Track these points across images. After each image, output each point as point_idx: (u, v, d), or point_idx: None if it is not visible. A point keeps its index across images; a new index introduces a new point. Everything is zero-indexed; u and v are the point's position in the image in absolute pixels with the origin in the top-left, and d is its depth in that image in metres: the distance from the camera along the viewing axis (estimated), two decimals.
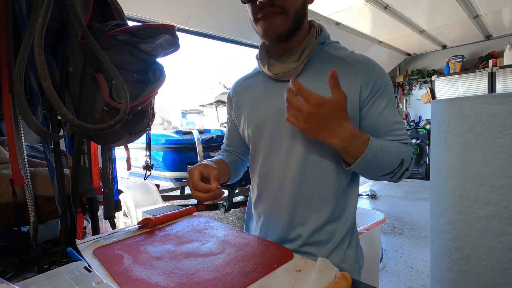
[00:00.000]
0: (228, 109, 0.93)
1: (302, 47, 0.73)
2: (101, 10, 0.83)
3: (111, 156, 0.95)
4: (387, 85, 0.72)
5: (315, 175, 0.75)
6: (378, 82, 0.71)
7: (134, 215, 2.96)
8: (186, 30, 2.81)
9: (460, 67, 5.25)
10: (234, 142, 0.96)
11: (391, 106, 0.72)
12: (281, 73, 0.74)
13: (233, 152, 0.98)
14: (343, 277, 0.52)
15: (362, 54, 0.77)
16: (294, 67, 0.72)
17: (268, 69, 0.76)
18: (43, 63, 0.58)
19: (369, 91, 0.71)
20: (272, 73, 0.75)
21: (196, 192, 0.71)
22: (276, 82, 0.77)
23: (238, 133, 0.91)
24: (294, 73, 0.73)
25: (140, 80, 0.84)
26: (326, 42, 0.77)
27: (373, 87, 0.71)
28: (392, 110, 0.72)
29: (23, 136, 0.71)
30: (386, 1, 3.16)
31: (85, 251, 0.71)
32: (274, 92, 0.77)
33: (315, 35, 0.75)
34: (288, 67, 0.73)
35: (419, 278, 2.30)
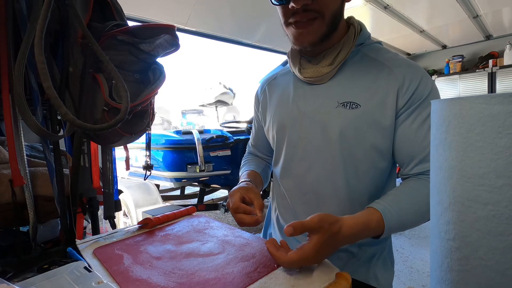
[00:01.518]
0: (255, 108, 0.88)
1: (338, 49, 0.66)
2: (101, 10, 0.83)
3: (111, 156, 0.95)
4: (430, 95, 0.61)
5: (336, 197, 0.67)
6: (419, 89, 0.61)
7: (134, 215, 2.96)
8: (186, 30, 2.81)
9: (460, 67, 5.25)
10: (261, 143, 0.91)
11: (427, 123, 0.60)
12: (312, 77, 0.67)
13: (260, 156, 0.93)
14: (343, 277, 0.52)
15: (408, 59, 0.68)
16: (326, 71, 0.66)
17: (299, 71, 0.70)
18: (44, 63, 0.58)
19: (407, 99, 0.61)
20: (304, 76, 0.69)
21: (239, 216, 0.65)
22: (307, 85, 0.71)
23: (263, 134, 0.86)
24: (327, 78, 0.67)
25: (140, 80, 0.84)
26: (366, 42, 0.69)
27: (412, 95, 0.61)
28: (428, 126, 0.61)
29: (22, 136, 0.71)
30: (386, 1, 3.16)
31: (85, 251, 0.71)
32: (303, 96, 0.71)
33: (353, 35, 0.67)
34: (320, 71, 0.66)
35: (419, 278, 2.30)
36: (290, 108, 0.73)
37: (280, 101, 0.76)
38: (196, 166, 3.07)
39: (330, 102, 0.66)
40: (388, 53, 0.68)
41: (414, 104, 0.61)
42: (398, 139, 0.64)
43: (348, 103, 0.64)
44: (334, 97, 0.66)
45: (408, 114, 0.62)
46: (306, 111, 0.69)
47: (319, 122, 0.67)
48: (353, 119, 0.63)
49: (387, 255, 0.76)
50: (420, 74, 0.62)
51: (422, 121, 0.61)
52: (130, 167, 1.23)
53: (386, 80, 0.63)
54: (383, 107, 0.62)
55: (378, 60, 0.66)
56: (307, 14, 0.61)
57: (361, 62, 0.67)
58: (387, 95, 0.62)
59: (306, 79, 0.69)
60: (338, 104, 0.65)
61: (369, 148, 0.64)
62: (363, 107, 0.63)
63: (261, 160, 0.94)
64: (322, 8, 0.60)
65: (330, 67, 0.66)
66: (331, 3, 0.61)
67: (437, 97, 0.63)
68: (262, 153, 0.93)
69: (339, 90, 0.65)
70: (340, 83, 0.66)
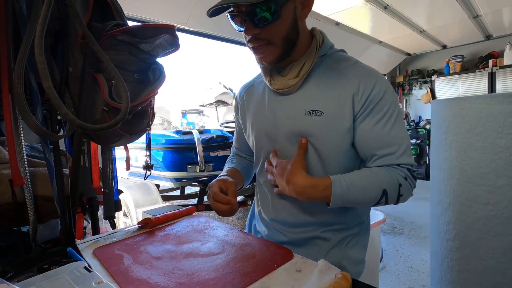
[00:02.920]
0: (236, 114, 0.95)
1: (302, 62, 0.73)
2: (101, 10, 0.83)
3: (111, 156, 0.95)
4: (385, 96, 0.69)
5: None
6: (373, 93, 0.68)
7: (134, 215, 2.96)
8: (186, 30, 2.81)
9: (460, 67, 5.25)
10: (243, 145, 0.97)
11: (389, 119, 0.68)
12: (281, 88, 0.75)
13: (242, 155, 1.00)
14: (343, 277, 0.52)
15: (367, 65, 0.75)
16: (293, 83, 0.73)
17: (269, 83, 0.77)
18: (44, 63, 0.58)
19: (362, 103, 0.69)
20: (273, 87, 0.76)
21: (216, 203, 0.74)
22: (277, 95, 0.78)
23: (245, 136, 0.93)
24: (294, 89, 0.74)
25: (140, 80, 0.84)
26: (328, 53, 0.76)
27: (367, 99, 0.69)
28: (389, 124, 0.69)
29: (22, 136, 0.71)
30: (386, 1, 3.16)
31: (85, 251, 0.71)
32: (276, 104, 0.78)
33: (315, 48, 0.74)
34: (287, 83, 0.73)
35: (419, 278, 2.30)
36: (266, 115, 0.80)
37: (257, 108, 0.83)
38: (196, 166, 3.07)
39: (298, 111, 0.73)
40: (348, 61, 0.75)
41: (369, 107, 0.69)
42: (359, 138, 0.71)
43: (313, 111, 0.71)
44: (301, 106, 0.73)
45: (365, 116, 0.69)
46: (279, 118, 0.76)
47: (290, 129, 0.75)
48: (319, 126, 0.71)
49: (360, 239, 0.84)
50: (374, 80, 0.69)
51: (378, 120, 0.69)
52: (130, 167, 1.23)
53: (344, 87, 0.70)
54: (342, 112, 0.70)
55: (338, 69, 0.73)
56: (258, 42, 0.69)
57: (323, 72, 0.74)
58: (345, 101, 0.70)
59: (276, 90, 0.76)
60: (305, 112, 0.72)
61: (335, 151, 0.72)
62: (326, 114, 0.70)
63: (244, 160, 1.00)
64: (271, 36, 0.68)
65: (296, 79, 0.73)
66: (279, 31, 0.68)
67: (392, 98, 0.71)
68: (245, 154, 0.99)
69: (305, 100, 0.73)
70: (306, 93, 0.74)
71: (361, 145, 0.72)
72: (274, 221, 0.84)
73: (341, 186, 0.66)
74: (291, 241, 0.80)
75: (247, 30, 0.67)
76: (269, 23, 0.66)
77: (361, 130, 0.70)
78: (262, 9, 0.64)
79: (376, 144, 0.69)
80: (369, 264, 1.90)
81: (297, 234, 0.80)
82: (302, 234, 0.79)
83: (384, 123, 0.68)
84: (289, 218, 0.80)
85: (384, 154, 0.69)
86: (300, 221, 0.79)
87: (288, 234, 0.81)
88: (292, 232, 0.81)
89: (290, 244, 0.79)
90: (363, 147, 0.72)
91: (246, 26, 0.67)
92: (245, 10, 0.65)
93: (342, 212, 0.78)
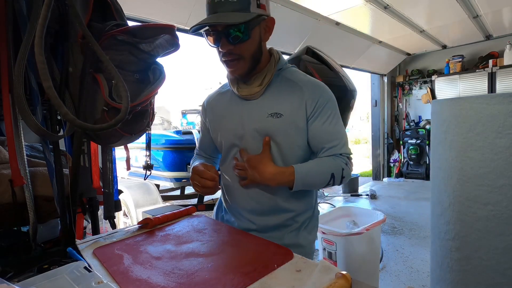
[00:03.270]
0: (202, 118, 1.06)
1: (264, 74, 0.89)
2: (101, 10, 0.83)
3: (111, 156, 0.95)
4: (329, 103, 0.89)
5: None
6: (320, 100, 0.87)
7: (134, 215, 2.96)
8: (186, 30, 2.81)
9: (460, 67, 5.24)
10: (208, 147, 1.09)
11: (332, 119, 0.88)
12: (247, 95, 0.90)
13: (206, 156, 1.12)
14: (343, 277, 0.52)
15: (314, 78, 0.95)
16: (257, 90, 0.88)
17: (237, 90, 0.91)
18: (44, 62, 0.58)
19: (313, 108, 0.87)
20: (241, 94, 0.90)
21: (202, 180, 0.86)
22: (244, 101, 0.92)
23: (210, 139, 1.05)
24: (258, 95, 0.89)
25: (140, 80, 0.84)
26: (283, 67, 0.93)
27: (316, 105, 0.87)
28: (333, 123, 0.88)
29: (22, 136, 0.71)
30: (386, 1, 3.16)
31: (85, 251, 0.71)
32: (241, 109, 0.92)
33: (274, 63, 0.90)
34: (253, 90, 0.89)
35: (419, 278, 2.30)
36: (233, 117, 0.93)
37: (225, 112, 0.96)
38: None
39: (262, 114, 0.88)
40: (300, 75, 0.93)
41: (318, 111, 0.87)
42: (311, 135, 0.89)
43: (274, 114, 0.87)
44: (264, 109, 0.88)
45: (315, 118, 0.88)
46: (245, 120, 0.91)
47: (255, 128, 0.89)
48: (279, 125, 0.87)
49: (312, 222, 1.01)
50: (321, 90, 0.89)
51: (325, 120, 0.88)
52: (130, 167, 1.23)
53: (298, 95, 0.88)
54: (298, 114, 0.87)
55: (293, 80, 0.90)
56: (231, 56, 0.83)
57: (281, 82, 0.91)
58: (300, 106, 0.87)
59: (243, 96, 0.91)
60: (268, 114, 0.88)
61: (292, 145, 0.89)
62: (285, 116, 0.87)
63: (207, 159, 1.11)
64: (242, 52, 0.83)
65: (260, 87, 0.88)
66: (249, 48, 0.83)
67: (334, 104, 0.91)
68: (208, 155, 1.12)
69: (268, 104, 0.89)
70: (268, 99, 0.89)
71: (313, 140, 0.90)
72: (244, 210, 0.96)
73: (301, 172, 0.84)
74: (259, 228, 0.94)
75: (223, 45, 0.81)
76: (241, 42, 0.81)
77: (313, 128, 0.88)
78: (235, 30, 0.79)
79: (324, 139, 0.88)
80: (369, 264, 1.91)
81: (264, 221, 0.94)
82: (268, 221, 0.94)
83: (329, 123, 0.88)
84: (256, 206, 0.93)
85: (330, 147, 0.88)
86: (265, 208, 0.93)
87: (256, 221, 0.94)
88: (259, 219, 0.94)
89: (257, 231, 0.93)
90: (315, 141, 0.90)
91: (222, 42, 0.81)
92: (221, 29, 0.80)
93: (298, 199, 0.94)
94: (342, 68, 1.60)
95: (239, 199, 0.96)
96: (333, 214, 2.18)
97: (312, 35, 3.65)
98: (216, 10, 0.77)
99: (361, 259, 1.84)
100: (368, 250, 1.86)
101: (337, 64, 1.67)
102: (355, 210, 2.28)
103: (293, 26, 3.44)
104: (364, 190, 5.02)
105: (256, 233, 0.90)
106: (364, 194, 4.78)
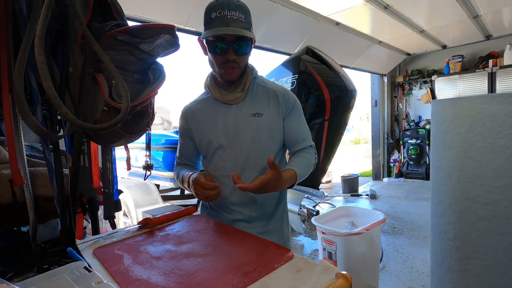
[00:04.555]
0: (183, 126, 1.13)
1: (244, 81, 1.04)
2: (101, 10, 0.83)
3: (111, 156, 0.95)
4: (298, 105, 1.09)
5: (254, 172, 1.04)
6: (291, 104, 1.06)
7: (134, 215, 2.96)
8: (186, 30, 2.81)
9: (460, 67, 5.24)
10: (191, 154, 1.17)
11: (301, 119, 1.10)
12: (231, 99, 1.04)
13: (189, 163, 1.20)
14: (343, 277, 0.52)
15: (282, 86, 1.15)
16: (240, 95, 1.03)
17: (221, 96, 1.04)
18: (44, 62, 0.58)
19: (286, 108, 1.06)
20: (225, 99, 1.04)
21: (206, 191, 0.94)
22: (225, 105, 1.05)
23: (192, 146, 1.14)
24: (240, 99, 1.04)
25: (140, 80, 0.84)
26: (257, 76, 1.10)
27: (288, 106, 1.06)
28: (302, 122, 1.10)
29: (22, 136, 0.71)
30: (386, 1, 3.16)
31: (85, 251, 0.71)
32: (225, 112, 1.05)
33: (250, 72, 1.07)
34: (236, 95, 1.03)
35: (419, 278, 2.30)
36: (218, 121, 1.05)
37: (207, 119, 1.07)
38: None
39: (245, 115, 1.03)
40: (270, 82, 1.12)
41: (290, 111, 1.06)
42: (287, 131, 1.07)
43: (256, 113, 1.03)
44: (246, 111, 1.04)
45: (289, 117, 1.06)
46: (230, 123, 1.03)
47: (240, 128, 1.03)
48: (261, 123, 1.03)
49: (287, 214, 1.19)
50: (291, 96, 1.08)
51: (296, 120, 1.07)
52: (130, 167, 1.23)
53: (274, 99, 1.05)
54: (276, 114, 1.04)
55: (266, 87, 1.08)
56: (233, 64, 0.96)
57: (257, 88, 1.08)
58: (277, 108, 1.05)
59: (227, 101, 1.04)
60: (250, 115, 1.03)
61: (270, 140, 1.05)
62: (265, 115, 1.03)
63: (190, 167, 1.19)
64: (241, 62, 0.99)
65: (242, 92, 1.04)
66: (246, 59, 1.01)
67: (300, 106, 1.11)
68: (190, 161, 1.20)
69: (248, 107, 1.04)
70: (248, 102, 1.05)
71: (289, 135, 1.07)
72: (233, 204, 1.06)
73: (299, 171, 0.99)
74: (245, 218, 1.06)
75: (230, 54, 0.94)
76: (244, 54, 0.97)
77: (289, 126, 1.06)
78: (245, 44, 0.95)
79: (299, 134, 1.08)
80: (369, 264, 1.91)
81: (251, 212, 1.06)
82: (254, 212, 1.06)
83: (300, 121, 1.09)
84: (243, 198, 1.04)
85: (302, 140, 1.08)
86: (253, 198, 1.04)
87: (244, 212, 1.05)
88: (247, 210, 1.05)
89: (244, 221, 1.05)
90: (292, 136, 1.07)
91: (229, 52, 0.94)
92: (231, 41, 0.92)
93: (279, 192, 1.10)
94: (342, 68, 1.62)
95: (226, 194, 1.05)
96: (333, 214, 2.18)
97: (312, 35, 3.65)
98: (228, 24, 0.90)
99: (361, 259, 1.84)
100: (368, 250, 1.86)
101: (337, 64, 1.68)
102: (355, 210, 2.28)
103: (293, 26, 3.44)
104: (364, 190, 5.02)
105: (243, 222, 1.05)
106: (364, 194, 4.78)
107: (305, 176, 1.03)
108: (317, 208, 3.23)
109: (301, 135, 1.08)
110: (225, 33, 0.90)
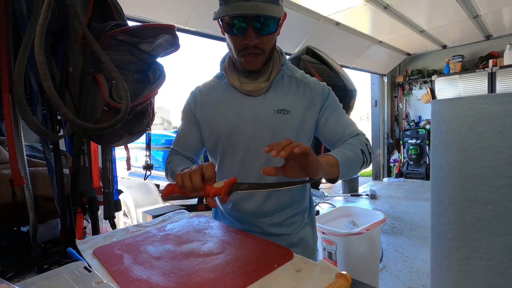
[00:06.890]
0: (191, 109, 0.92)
1: (270, 69, 0.85)
2: (101, 10, 0.83)
3: (111, 156, 0.95)
4: (335, 99, 0.90)
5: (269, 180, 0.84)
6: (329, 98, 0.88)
7: (134, 215, 2.96)
8: (186, 30, 2.80)
9: (460, 67, 5.24)
10: (191, 145, 0.94)
11: (342, 112, 0.89)
12: (253, 90, 0.84)
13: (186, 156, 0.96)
14: (343, 277, 0.52)
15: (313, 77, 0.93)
16: (264, 86, 0.84)
17: (241, 85, 0.84)
18: (44, 62, 0.58)
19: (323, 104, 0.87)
20: (245, 89, 0.84)
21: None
22: (245, 96, 0.86)
23: (197, 136, 0.92)
24: (263, 91, 0.84)
25: (140, 80, 0.84)
26: (285, 63, 0.89)
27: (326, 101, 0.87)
28: (344, 115, 0.89)
29: (22, 136, 0.71)
30: (386, 1, 3.16)
31: (85, 251, 0.71)
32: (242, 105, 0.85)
33: (278, 58, 0.87)
34: (259, 86, 0.84)
35: (419, 278, 2.30)
36: (230, 116, 0.85)
37: (220, 107, 0.87)
38: None
39: (267, 110, 0.84)
40: (300, 72, 0.91)
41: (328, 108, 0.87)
42: (327, 128, 0.87)
43: (281, 110, 0.83)
44: (270, 106, 0.84)
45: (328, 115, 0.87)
46: (247, 116, 0.84)
47: (259, 126, 0.84)
48: (287, 122, 0.83)
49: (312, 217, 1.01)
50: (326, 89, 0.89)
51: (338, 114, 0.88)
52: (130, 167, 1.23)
53: (307, 94, 0.86)
54: (309, 112, 0.85)
55: (296, 77, 0.88)
56: (255, 50, 0.77)
57: (283, 78, 0.88)
58: (311, 105, 0.85)
59: (247, 91, 0.84)
60: (274, 111, 0.83)
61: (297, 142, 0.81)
62: (293, 112, 0.84)
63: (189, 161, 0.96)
64: (265, 45, 0.78)
65: (266, 82, 0.84)
66: (272, 42, 0.81)
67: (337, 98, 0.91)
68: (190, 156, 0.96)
69: (273, 101, 0.84)
70: (273, 95, 0.85)
71: (331, 134, 0.87)
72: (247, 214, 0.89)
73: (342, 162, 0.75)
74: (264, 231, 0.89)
75: (250, 37, 0.74)
76: (267, 34, 0.76)
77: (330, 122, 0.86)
78: (267, 23, 0.74)
79: (342, 129, 0.86)
80: (369, 264, 1.91)
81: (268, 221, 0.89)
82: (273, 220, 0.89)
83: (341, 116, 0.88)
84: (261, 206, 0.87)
85: (348, 134, 0.85)
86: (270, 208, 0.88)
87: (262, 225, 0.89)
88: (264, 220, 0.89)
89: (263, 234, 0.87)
90: (334, 134, 0.86)
91: (249, 34, 0.74)
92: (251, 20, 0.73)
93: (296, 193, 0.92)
94: (342, 68, 1.60)
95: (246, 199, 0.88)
96: (333, 214, 2.18)
97: (312, 35, 3.65)
98: None
99: (361, 259, 1.84)
100: (368, 250, 1.86)
101: (337, 64, 1.66)
102: (355, 210, 2.28)
103: (293, 26, 3.43)
104: (364, 190, 5.01)
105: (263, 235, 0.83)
106: (364, 194, 4.78)
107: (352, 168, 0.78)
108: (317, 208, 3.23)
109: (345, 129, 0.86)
110: (241, 13, 0.70)
